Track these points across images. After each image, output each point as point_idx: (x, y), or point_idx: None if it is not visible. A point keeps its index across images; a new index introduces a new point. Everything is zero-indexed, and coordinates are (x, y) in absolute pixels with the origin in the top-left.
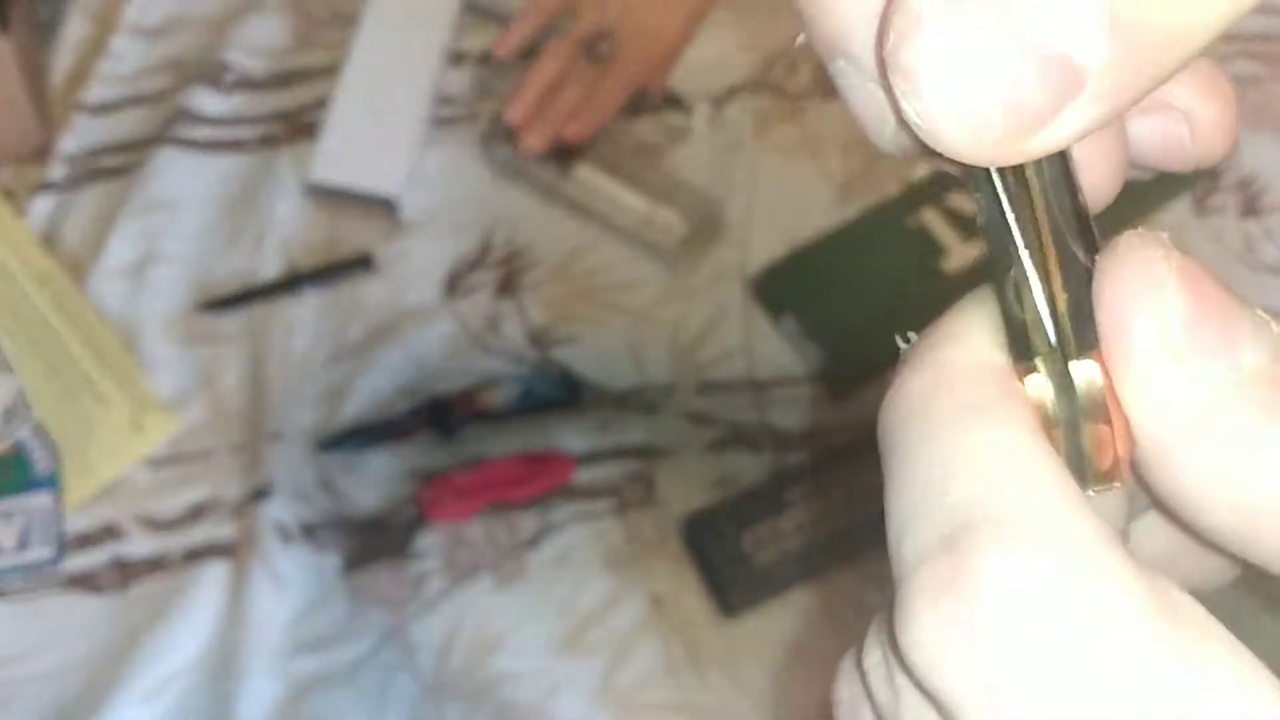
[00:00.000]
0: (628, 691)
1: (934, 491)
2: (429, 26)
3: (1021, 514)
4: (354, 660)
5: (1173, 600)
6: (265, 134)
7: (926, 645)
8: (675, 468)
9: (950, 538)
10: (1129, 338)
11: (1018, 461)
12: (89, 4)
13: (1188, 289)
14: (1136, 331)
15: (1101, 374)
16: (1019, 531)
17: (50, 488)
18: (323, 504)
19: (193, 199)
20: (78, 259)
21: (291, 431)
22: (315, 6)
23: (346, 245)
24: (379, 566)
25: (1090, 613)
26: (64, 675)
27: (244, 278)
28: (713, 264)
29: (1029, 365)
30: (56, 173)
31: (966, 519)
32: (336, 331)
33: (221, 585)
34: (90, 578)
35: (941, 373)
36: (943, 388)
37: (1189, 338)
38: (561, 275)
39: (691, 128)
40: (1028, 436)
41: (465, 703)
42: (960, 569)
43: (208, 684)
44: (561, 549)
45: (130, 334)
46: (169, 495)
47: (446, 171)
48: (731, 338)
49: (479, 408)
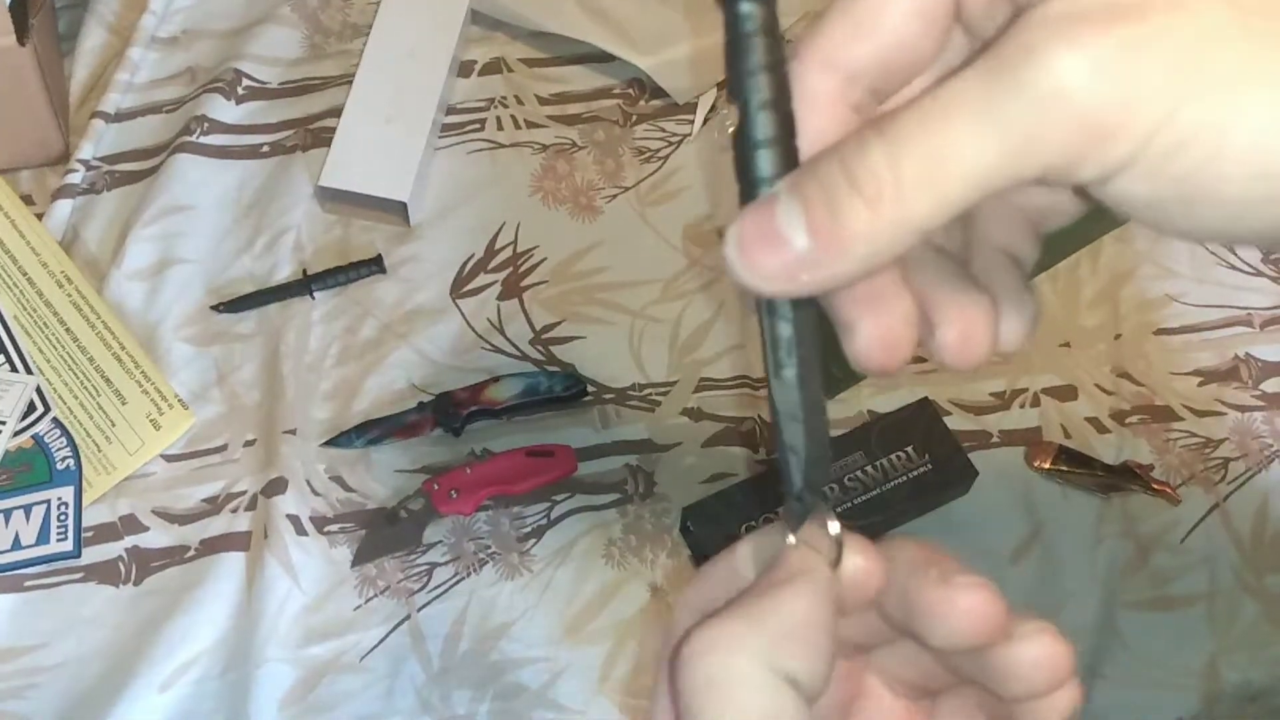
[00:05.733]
0: (628, 678)
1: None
2: (437, 37)
3: None
4: (364, 648)
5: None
6: (279, 141)
7: None
8: (674, 462)
9: None
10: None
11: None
12: (107, 15)
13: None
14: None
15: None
16: None
17: (70, 482)
18: (334, 498)
19: (209, 203)
20: (97, 262)
21: (304, 427)
22: (327, 17)
23: (357, 248)
24: (389, 558)
25: None
26: (82, 665)
27: (259, 279)
28: (710, 265)
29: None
30: (76, 178)
31: None
32: (348, 331)
33: (236, 576)
34: (108, 569)
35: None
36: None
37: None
38: (564, 276)
39: (689, 131)
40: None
41: (471, 689)
42: None
43: (223, 672)
44: (564, 540)
45: (148, 334)
46: (186, 489)
47: (453, 177)
48: (728, 337)
49: (485, 404)
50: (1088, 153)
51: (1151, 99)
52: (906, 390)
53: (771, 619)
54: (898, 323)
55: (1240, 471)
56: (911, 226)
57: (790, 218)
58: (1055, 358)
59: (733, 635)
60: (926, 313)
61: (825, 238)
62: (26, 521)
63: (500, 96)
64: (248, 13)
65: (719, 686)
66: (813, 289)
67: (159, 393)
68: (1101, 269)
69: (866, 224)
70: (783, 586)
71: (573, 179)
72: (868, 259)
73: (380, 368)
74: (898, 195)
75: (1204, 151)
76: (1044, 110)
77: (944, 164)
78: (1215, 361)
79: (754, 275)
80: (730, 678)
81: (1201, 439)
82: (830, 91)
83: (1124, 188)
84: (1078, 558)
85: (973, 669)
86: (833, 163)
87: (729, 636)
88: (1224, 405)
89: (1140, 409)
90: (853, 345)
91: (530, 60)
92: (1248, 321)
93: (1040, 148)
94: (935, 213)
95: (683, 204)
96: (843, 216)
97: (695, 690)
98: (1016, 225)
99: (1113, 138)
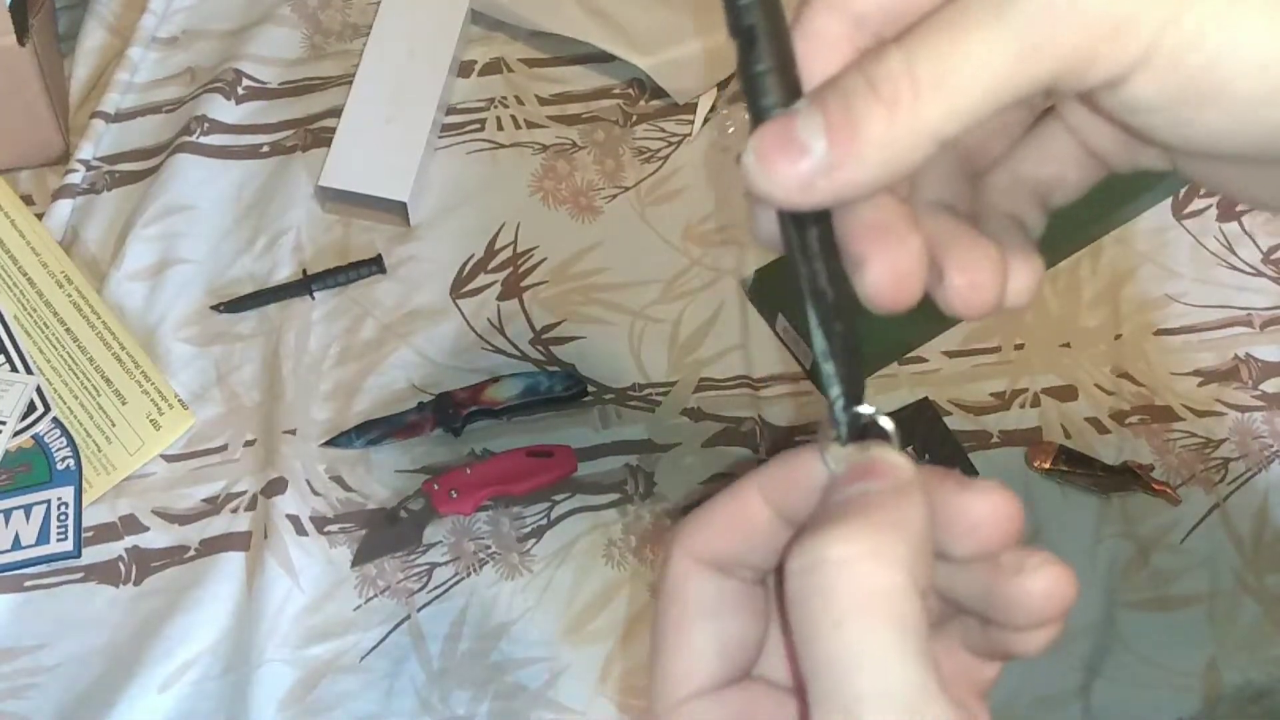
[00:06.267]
0: (628, 678)
1: (837, 674)
2: (438, 37)
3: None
4: (364, 648)
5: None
6: (279, 141)
7: None
8: (674, 462)
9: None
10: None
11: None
12: (107, 15)
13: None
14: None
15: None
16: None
17: (70, 482)
18: (335, 498)
19: (209, 204)
20: (97, 262)
21: (304, 427)
22: (327, 18)
23: (357, 248)
24: (389, 558)
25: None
26: (82, 665)
27: (259, 279)
28: (710, 266)
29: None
30: (76, 178)
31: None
32: (348, 331)
33: (236, 576)
34: (108, 569)
35: (840, 584)
36: (841, 597)
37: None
38: (564, 276)
39: (689, 131)
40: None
41: (471, 689)
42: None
43: (222, 672)
44: (564, 541)
45: (148, 334)
46: (186, 489)
47: (454, 177)
48: (728, 337)
49: (485, 404)
50: (1098, 53)
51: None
52: (906, 390)
53: (907, 531)
54: (908, 259)
55: (1240, 472)
56: (928, 132)
57: (810, 125)
58: (1055, 358)
59: (884, 548)
60: (937, 259)
61: (843, 143)
62: (26, 521)
63: (500, 96)
64: (248, 13)
65: (877, 601)
66: (830, 198)
67: (159, 393)
68: (1102, 269)
69: (884, 128)
70: (905, 497)
71: (573, 179)
72: (884, 165)
73: (380, 368)
74: (914, 99)
75: (1213, 47)
76: (1055, 11)
77: (959, 68)
78: (1215, 362)
79: (772, 183)
80: (888, 592)
81: (1201, 439)
82: (838, 33)
83: (1133, 92)
84: (1078, 558)
85: (977, 597)
86: (852, 72)
87: (882, 549)
88: (1224, 405)
89: (1140, 409)
90: (863, 280)
91: (530, 60)
92: (1248, 322)
93: (1052, 49)
94: (951, 118)
95: (683, 204)
96: (861, 121)
97: (841, 604)
98: (1024, 196)
99: (1122, 36)
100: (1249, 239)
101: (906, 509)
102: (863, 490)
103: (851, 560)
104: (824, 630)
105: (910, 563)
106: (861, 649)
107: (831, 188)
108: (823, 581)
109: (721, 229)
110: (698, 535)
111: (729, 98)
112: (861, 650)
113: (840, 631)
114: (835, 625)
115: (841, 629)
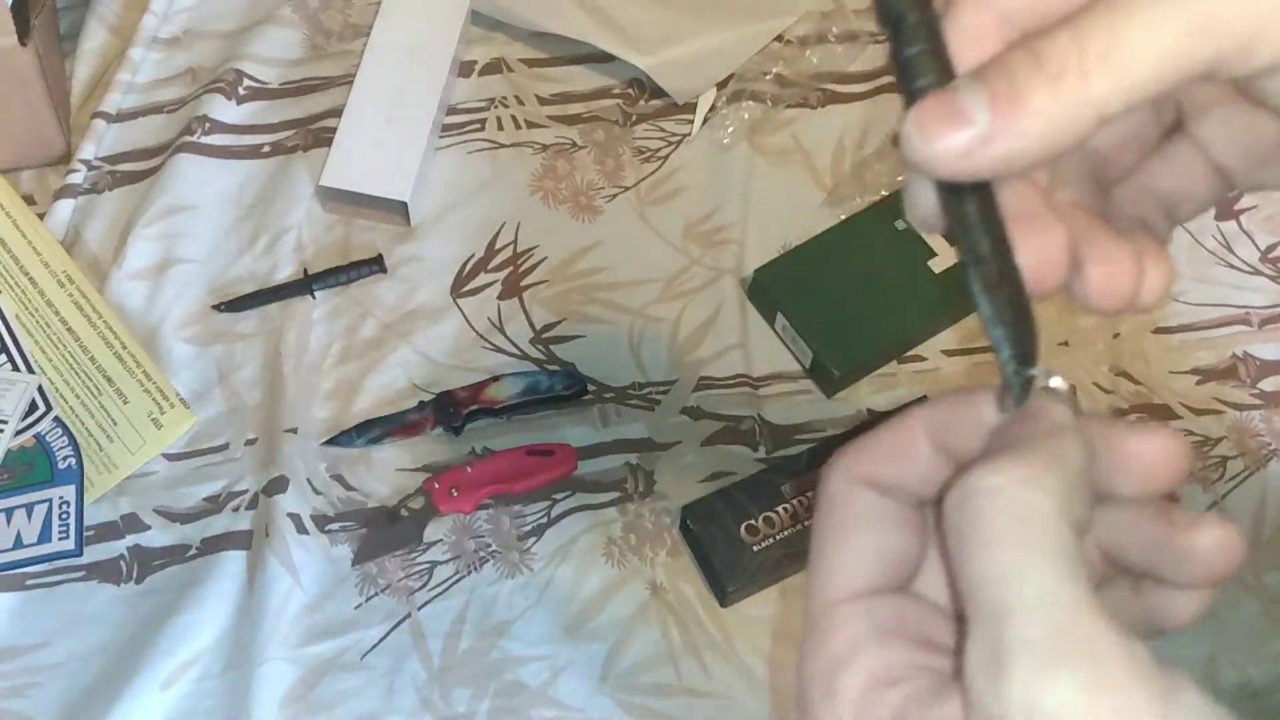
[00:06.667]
0: (628, 676)
1: (989, 590)
2: (438, 37)
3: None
4: (365, 646)
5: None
6: (280, 141)
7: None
8: (673, 461)
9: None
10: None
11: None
12: (108, 16)
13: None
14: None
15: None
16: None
17: (72, 481)
18: (335, 496)
19: (210, 203)
20: (98, 261)
21: (305, 426)
22: (328, 18)
23: (358, 247)
24: (390, 556)
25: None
26: (84, 663)
27: (260, 279)
28: (710, 265)
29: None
30: (77, 178)
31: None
32: (349, 330)
33: (237, 575)
34: (110, 568)
35: (1022, 513)
36: (1024, 527)
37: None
38: (564, 275)
39: (688, 131)
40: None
41: (472, 687)
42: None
43: (223, 671)
44: (564, 539)
45: (149, 333)
46: (187, 488)
47: (454, 177)
48: (728, 336)
49: (485, 403)
50: (1267, 33)
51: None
52: (906, 389)
53: (1061, 465)
54: (1053, 247)
55: (1238, 470)
56: (1093, 106)
57: (973, 96)
58: (1054, 356)
59: (1035, 476)
60: (1075, 252)
61: (1007, 114)
62: (28, 520)
63: (500, 96)
64: (249, 13)
65: (1027, 523)
66: (989, 169)
67: (160, 392)
68: None
69: (1047, 100)
70: (1062, 436)
71: (573, 179)
72: (1045, 138)
73: (381, 367)
74: (1081, 72)
75: None
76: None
77: (1128, 43)
78: (1213, 360)
79: (933, 153)
80: (1038, 515)
81: (1199, 437)
82: (985, 27)
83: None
84: None
85: (1147, 550)
86: (1017, 49)
87: (1033, 477)
88: (1222, 404)
89: (1139, 408)
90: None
91: (530, 60)
92: (1246, 320)
93: (1221, 28)
94: (1116, 94)
95: (683, 204)
96: (1025, 93)
97: (993, 526)
98: (1152, 206)
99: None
100: (1247, 238)
101: (1060, 445)
102: (1018, 431)
103: (1003, 487)
104: (976, 551)
105: (1062, 494)
106: (1012, 566)
107: (991, 158)
108: (977, 507)
109: (721, 229)
110: (859, 458)
111: (729, 97)
112: (1012, 567)
113: (991, 550)
114: (986, 544)
115: (992, 548)
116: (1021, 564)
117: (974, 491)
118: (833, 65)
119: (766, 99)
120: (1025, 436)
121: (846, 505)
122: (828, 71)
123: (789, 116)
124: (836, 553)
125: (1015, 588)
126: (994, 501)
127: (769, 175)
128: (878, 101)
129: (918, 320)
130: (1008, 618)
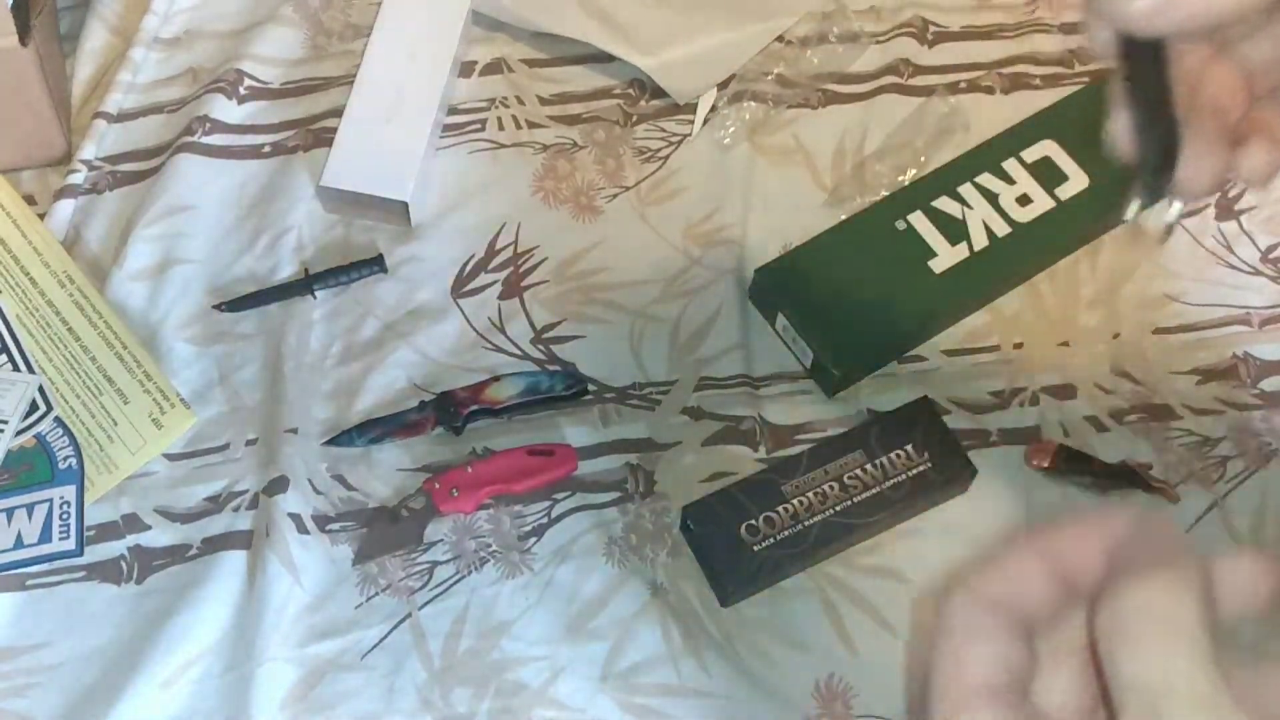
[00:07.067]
0: (628, 676)
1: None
2: (439, 37)
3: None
4: (365, 646)
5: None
6: (281, 141)
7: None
8: (674, 461)
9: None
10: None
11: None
12: (109, 16)
13: None
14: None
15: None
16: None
17: (72, 481)
18: (336, 496)
19: (211, 203)
20: (99, 261)
21: (306, 426)
22: (329, 18)
23: (359, 247)
24: (390, 556)
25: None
26: (84, 663)
27: (260, 279)
28: (710, 265)
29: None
30: (78, 178)
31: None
32: (349, 330)
33: (238, 575)
34: (110, 568)
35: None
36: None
37: None
38: (564, 275)
39: (689, 132)
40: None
41: (472, 687)
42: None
43: (224, 670)
44: (565, 539)
45: (150, 333)
46: (187, 488)
47: (455, 177)
48: (728, 337)
49: (486, 403)
50: None
51: None
52: (906, 389)
53: (1191, 576)
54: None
55: (1239, 470)
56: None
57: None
58: (1054, 357)
59: (1174, 591)
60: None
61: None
62: (29, 520)
63: (501, 97)
64: (250, 13)
65: (1175, 630)
66: (1170, 26)
67: (161, 392)
68: (1101, 269)
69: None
70: (1184, 551)
71: (573, 179)
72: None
73: (381, 367)
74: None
75: None
76: None
77: None
78: (1214, 360)
79: (1124, 7)
80: (1183, 623)
81: (1200, 437)
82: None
83: None
84: None
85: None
86: None
87: (1174, 591)
88: (1222, 404)
89: (1139, 408)
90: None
91: (531, 61)
92: (1246, 321)
93: None
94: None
95: (683, 204)
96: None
97: (1146, 633)
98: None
99: None
100: (1247, 238)
101: (1187, 559)
102: (1142, 549)
103: (1151, 600)
104: (1129, 653)
105: (1199, 603)
106: (1163, 666)
107: (1173, 18)
108: (1130, 616)
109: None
110: (978, 580)
111: (730, 98)
112: (1164, 667)
113: (1143, 652)
114: (1138, 647)
115: (1145, 651)
116: (1172, 663)
117: (1127, 603)
118: (834, 66)
119: (767, 99)
120: (1150, 553)
121: (969, 620)
122: (829, 72)
123: (790, 117)
124: (966, 656)
125: (1167, 683)
126: (1144, 612)
127: (770, 175)
128: (878, 102)
129: (918, 320)
130: (1164, 708)
